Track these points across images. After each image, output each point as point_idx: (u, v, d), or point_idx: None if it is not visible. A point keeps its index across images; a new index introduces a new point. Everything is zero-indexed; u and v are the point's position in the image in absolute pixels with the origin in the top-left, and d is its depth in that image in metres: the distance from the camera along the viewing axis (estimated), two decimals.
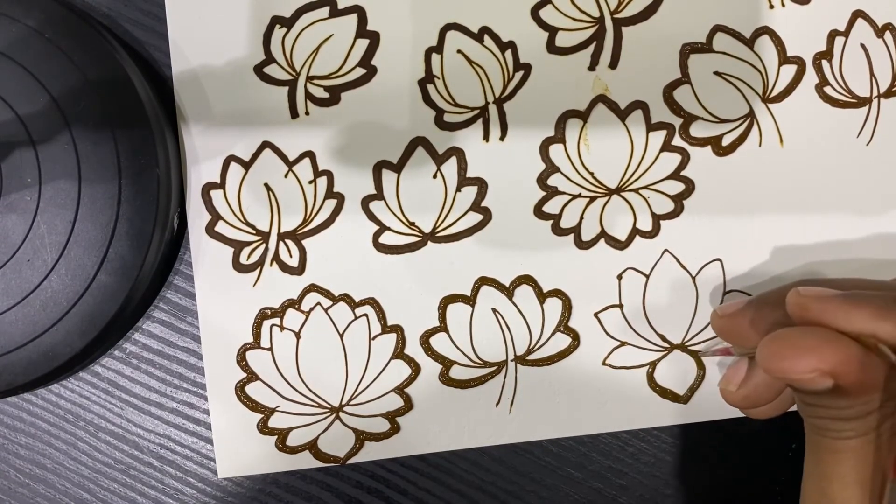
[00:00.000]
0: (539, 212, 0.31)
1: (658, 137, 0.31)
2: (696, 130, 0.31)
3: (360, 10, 0.31)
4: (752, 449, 0.32)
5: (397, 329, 0.31)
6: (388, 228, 0.31)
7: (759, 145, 0.32)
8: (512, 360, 0.31)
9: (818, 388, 0.21)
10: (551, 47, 0.31)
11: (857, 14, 0.32)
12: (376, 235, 0.31)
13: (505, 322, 0.31)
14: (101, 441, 0.31)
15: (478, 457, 0.32)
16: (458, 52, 0.31)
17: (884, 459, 0.21)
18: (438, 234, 0.31)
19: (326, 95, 0.31)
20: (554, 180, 0.31)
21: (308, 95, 0.31)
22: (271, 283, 0.31)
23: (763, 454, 0.32)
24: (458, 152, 0.31)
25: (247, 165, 0.31)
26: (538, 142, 0.31)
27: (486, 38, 0.31)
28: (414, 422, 0.31)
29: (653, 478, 0.32)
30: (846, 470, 0.22)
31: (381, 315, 0.31)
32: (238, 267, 0.31)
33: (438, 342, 0.31)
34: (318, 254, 0.31)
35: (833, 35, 0.32)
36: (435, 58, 0.31)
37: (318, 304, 0.31)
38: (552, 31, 0.31)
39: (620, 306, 0.31)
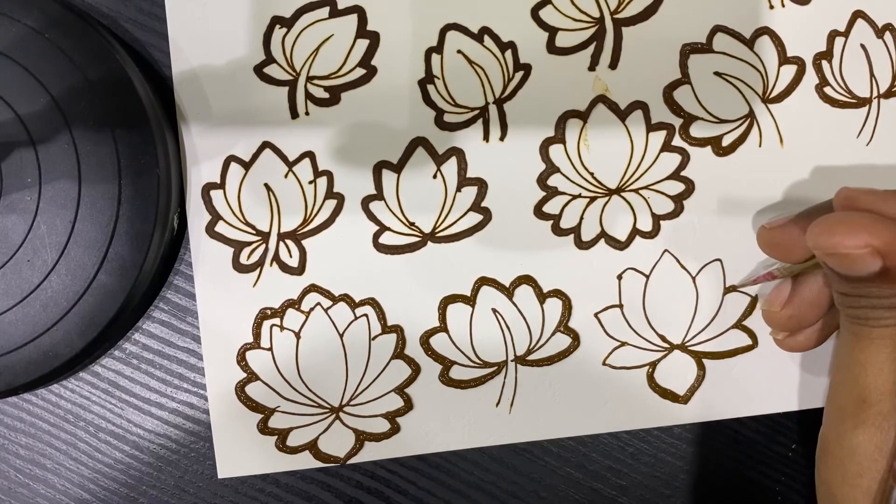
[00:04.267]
0: (539, 212, 0.31)
1: (658, 137, 0.31)
2: (696, 130, 0.31)
3: (360, 11, 0.31)
4: (752, 449, 0.32)
5: (397, 329, 0.31)
6: (388, 228, 0.31)
7: (759, 145, 0.32)
8: (512, 361, 0.31)
9: (866, 270, 0.21)
10: (551, 47, 0.31)
11: (857, 14, 0.32)
12: (376, 235, 0.31)
13: (505, 322, 0.31)
14: (101, 441, 0.31)
15: (478, 457, 0.32)
16: (458, 52, 0.31)
17: None
18: (438, 235, 0.31)
19: (326, 95, 0.31)
20: (554, 180, 0.31)
21: (308, 95, 0.31)
22: (271, 284, 0.31)
23: (763, 454, 0.32)
24: (458, 152, 0.31)
25: (247, 165, 0.31)
26: (538, 142, 0.31)
27: (486, 39, 0.31)
28: (414, 422, 0.31)
29: (653, 478, 0.32)
30: (883, 357, 0.23)
31: (381, 315, 0.31)
32: (238, 267, 0.31)
33: (438, 342, 0.31)
34: (318, 254, 0.31)
35: (833, 35, 0.32)
36: (435, 58, 0.31)
37: (318, 304, 0.31)
38: (552, 31, 0.31)
39: (620, 306, 0.31)
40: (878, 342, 0.23)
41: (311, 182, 0.31)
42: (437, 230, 0.31)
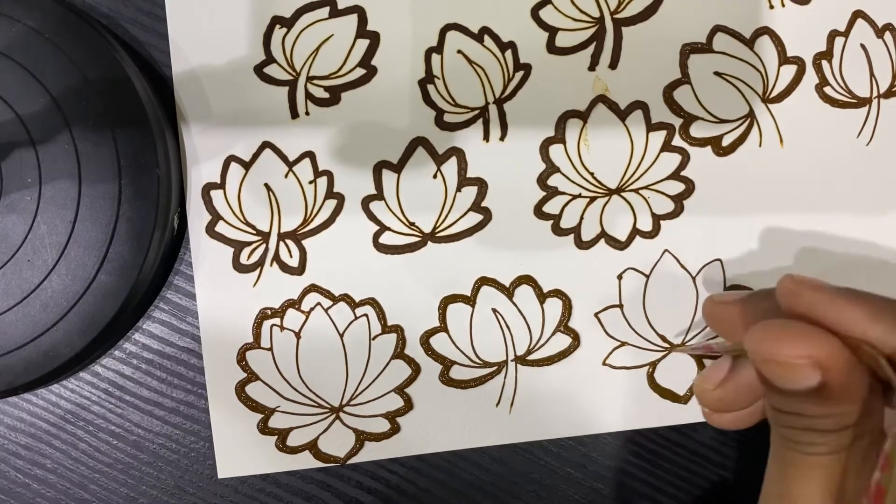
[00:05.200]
0: (539, 212, 0.31)
1: (658, 137, 0.31)
2: (696, 130, 0.31)
3: (360, 11, 0.31)
4: (752, 449, 0.32)
5: (397, 329, 0.31)
6: (389, 228, 0.31)
7: (759, 145, 0.32)
8: (512, 360, 0.31)
9: (804, 384, 0.19)
10: (551, 47, 0.31)
11: (857, 14, 0.32)
12: (376, 235, 0.31)
13: (505, 322, 0.31)
14: (101, 441, 0.31)
15: (478, 457, 0.32)
16: (459, 52, 0.31)
17: (852, 484, 0.20)
18: (438, 234, 0.31)
19: (327, 95, 0.31)
20: (554, 180, 0.31)
21: (308, 95, 0.31)
22: (271, 284, 0.31)
23: (763, 454, 0.32)
24: (458, 152, 0.31)
25: (247, 165, 0.31)
26: (538, 142, 0.31)
27: (487, 39, 0.31)
28: (414, 422, 0.31)
29: (653, 478, 0.32)
30: (813, 489, 0.20)
31: (382, 315, 0.31)
32: (238, 267, 0.31)
33: (438, 342, 0.31)
34: (318, 254, 0.31)
35: (833, 35, 0.32)
36: (435, 58, 0.31)
37: (319, 304, 0.31)
38: (552, 31, 0.31)
39: (620, 306, 0.31)
40: (808, 471, 0.20)
41: (311, 182, 0.31)
42: (437, 230, 0.31)
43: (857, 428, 0.20)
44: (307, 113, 0.31)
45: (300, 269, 0.31)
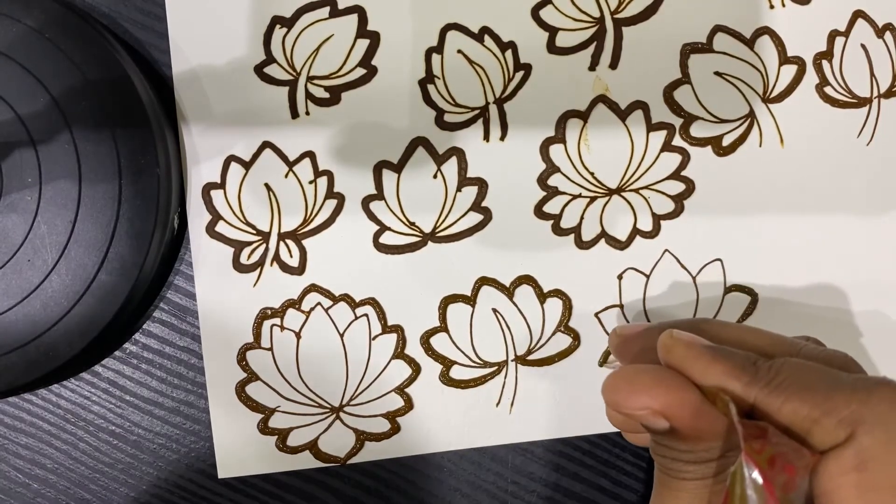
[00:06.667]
0: (539, 212, 0.31)
1: (658, 137, 0.31)
2: (697, 130, 0.31)
3: (360, 10, 0.31)
4: None
5: (397, 329, 0.31)
6: (389, 228, 0.31)
7: (760, 145, 0.32)
8: (512, 360, 0.31)
9: (655, 427, 0.22)
10: (551, 47, 0.31)
11: (858, 14, 0.32)
12: (376, 235, 0.31)
13: (505, 322, 0.31)
14: (101, 441, 0.31)
15: (478, 457, 0.32)
16: (459, 52, 0.31)
17: None
18: (439, 234, 0.31)
19: (327, 95, 0.31)
20: (554, 180, 0.31)
21: (308, 95, 0.31)
22: (271, 283, 0.31)
23: None
24: (458, 152, 0.31)
25: (247, 165, 0.31)
26: (538, 142, 0.31)
27: (487, 38, 0.31)
28: (414, 422, 0.31)
29: (653, 477, 0.32)
30: None
31: (382, 315, 0.31)
32: (238, 267, 0.31)
33: (439, 342, 0.31)
34: (318, 254, 0.31)
35: (833, 35, 0.32)
36: (435, 58, 0.31)
37: (319, 304, 0.31)
38: (552, 31, 0.31)
39: (620, 306, 0.31)
40: (678, 494, 0.22)
41: (311, 182, 0.31)
42: (437, 230, 0.31)
43: (722, 460, 0.22)
44: (307, 113, 0.31)
45: (300, 269, 0.31)
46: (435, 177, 0.31)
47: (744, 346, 0.23)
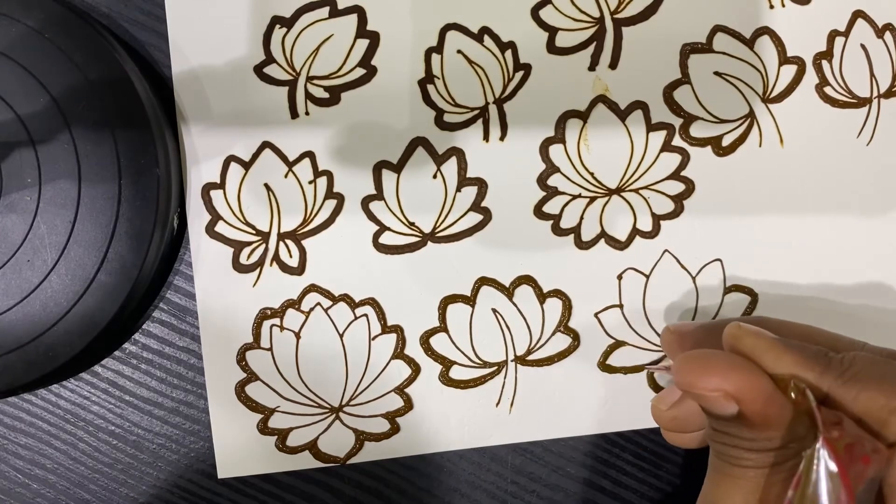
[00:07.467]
0: (539, 212, 0.31)
1: (658, 137, 0.31)
2: (696, 130, 0.31)
3: (360, 10, 0.31)
4: None
5: (397, 329, 0.31)
6: (388, 228, 0.31)
7: (759, 145, 0.32)
8: (512, 360, 0.31)
9: (724, 411, 0.22)
10: (551, 47, 0.31)
11: (857, 14, 0.32)
12: (376, 235, 0.31)
13: (505, 322, 0.31)
14: (101, 441, 0.31)
15: (478, 457, 0.32)
16: (458, 52, 0.31)
17: (774, 499, 0.22)
18: (438, 235, 0.31)
19: (326, 95, 0.31)
20: (554, 180, 0.31)
21: (308, 95, 0.31)
22: (271, 284, 0.31)
23: None
24: (458, 152, 0.31)
25: (247, 165, 0.31)
26: (538, 142, 0.31)
27: (486, 39, 0.31)
28: (414, 422, 0.31)
29: (653, 478, 0.32)
30: (739, 498, 0.22)
31: (381, 315, 0.31)
32: (238, 267, 0.31)
33: (438, 342, 0.31)
34: (318, 254, 0.31)
35: (833, 35, 0.32)
36: (435, 58, 0.31)
37: (318, 304, 0.31)
38: (552, 31, 0.31)
39: (620, 306, 0.31)
40: (736, 481, 0.22)
41: (311, 182, 0.31)
42: (437, 230, 0.31)
43: (783, 451, 0.21)
44: (307, 113, 0.31)
45: (300, 269, 0.31)
46: (434, 177, 0.31)
47: (808, 341, 0.23)
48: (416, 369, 0.31)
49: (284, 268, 0.31)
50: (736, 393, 0.21)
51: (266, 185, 0.31)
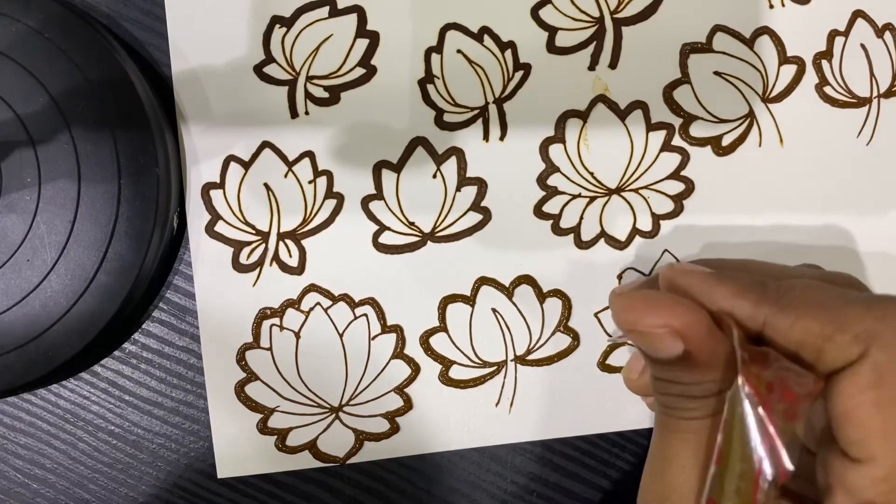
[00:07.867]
0: (539, 212, 0.31)
1: (658, 137, 0.31)
2: (696, 130, 0.31)
3: (359, 10, 0.31)
4: None
5: (397, 329, 0.31)
6: (388, 228, 0.31)
7: (759, 145, 0.32)
8: (512, 360, 0.31)
9: (669, 351, 0.21)
10: (551, 47, 0.31)
11: (857, 14, 0.32)
12: (376, 235, 0.31)
13: (505, 322, 0.31)
14: (101, 441, 0.31)
15: (478, 457, 0.32)
16: (458, 52, 0.31)
17: (711, 448, 0.21)
18: (438, 234, 0.31)
19: (326, 95, 0.31)
20: (554, 180, 0.31)
21: (308, 95, 0.31)
22: (271, 283, 0.31)
23: None
24: (457, 152, 0.31)
25: (247, 165, 0.31)
26: (538, 142, 0.31)
27: (486, 38, 0.31)
28: (414, 422, 0.31)
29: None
30: (688, 453, 0.21)
31: (381, 315, 0.31)
32: (238, 267, 0.31)
33: (438, 342, 0.31)
34: (317, 254, 0.31)
35: (833, 35, 0.32)
36: (435, 58, 0.31)
37: (318, 304, 0.31)
38: (552, 31, 0.31)
39: None
40: (682, 436, 0.21)
41: (310, 182, 0.31)
42: (436, 230, 0.31)
43: (723, 396, 0.21)
44: (307, 113, 0.31)
45: (300, 269, 0.31)
46: (434, 177, 0.31)
47: (751, 274, 0.23)
48: (415, 369, 0.31)
49: (284, 267, 0.31)
50: (682, 328, 0.20)
51: (266, 185, 0.31)
